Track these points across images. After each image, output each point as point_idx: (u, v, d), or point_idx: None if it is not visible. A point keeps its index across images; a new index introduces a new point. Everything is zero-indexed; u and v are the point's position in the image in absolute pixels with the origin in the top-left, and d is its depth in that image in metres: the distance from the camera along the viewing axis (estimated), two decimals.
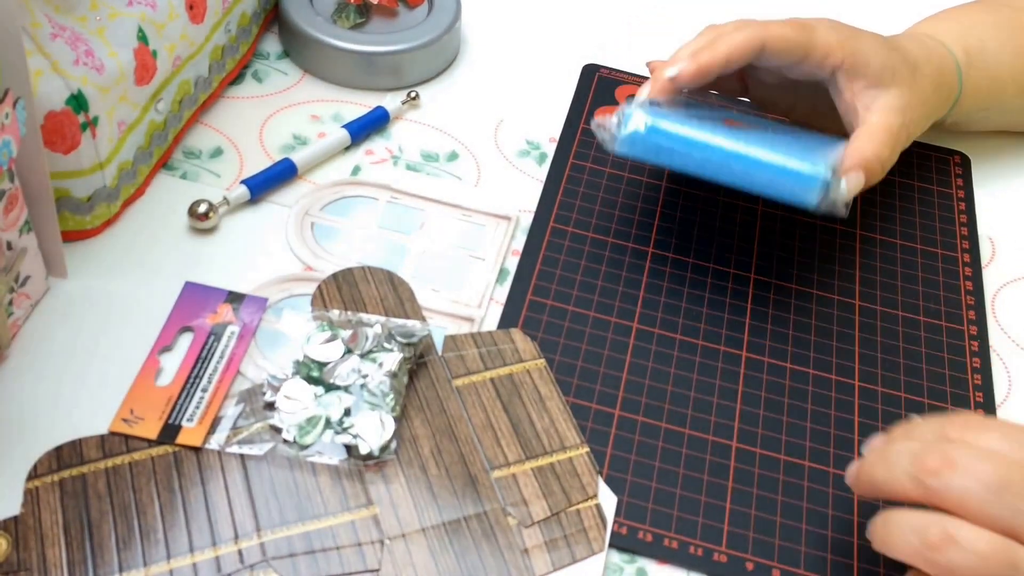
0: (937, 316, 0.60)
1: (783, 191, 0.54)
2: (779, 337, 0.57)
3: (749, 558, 0.48)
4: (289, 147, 0.63)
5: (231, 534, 0.45)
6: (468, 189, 0.63)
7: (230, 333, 0.52)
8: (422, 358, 0.52)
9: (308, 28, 0.67)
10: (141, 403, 0.49)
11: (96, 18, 0.53)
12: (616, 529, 0.48)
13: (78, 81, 0.51)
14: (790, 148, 0.55)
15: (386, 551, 0.45)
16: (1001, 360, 0.58)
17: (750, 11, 0.79)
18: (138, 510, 0.45)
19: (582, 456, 0.50)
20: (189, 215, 0.57)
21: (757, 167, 0.54)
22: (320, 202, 0.60)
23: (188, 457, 0.47)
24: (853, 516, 0.50)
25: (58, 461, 0.47)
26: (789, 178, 0.54)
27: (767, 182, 0.54)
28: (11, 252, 0.49)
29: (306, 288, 0.56)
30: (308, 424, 0.48)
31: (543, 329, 0.55)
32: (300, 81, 0.68)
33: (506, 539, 0.46)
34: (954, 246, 0.63)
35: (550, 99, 0.70)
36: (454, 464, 0.49)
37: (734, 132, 0.55)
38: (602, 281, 0.58)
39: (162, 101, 0.58)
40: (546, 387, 0.52)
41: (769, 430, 0.53)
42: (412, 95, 0.67)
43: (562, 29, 0.76)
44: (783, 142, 0.56)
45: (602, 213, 0.62)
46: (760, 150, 0.54)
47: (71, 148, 0.52)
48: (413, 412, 0.50)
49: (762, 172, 0.54)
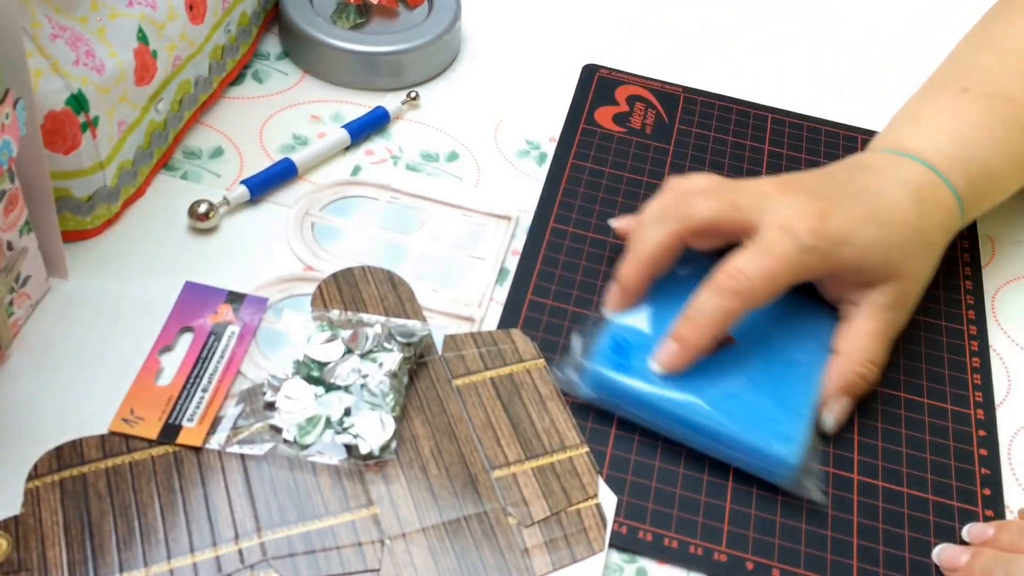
0: (937, 316, 0.59)
1: (749, 468, 0.50)
2: None
3: (749, 558, 0.48)
4: (289, 147, 0.63)
5: (231, 534, 0.45)
6: (468, 189, 0.63)
7: (230, 333, 0.52)
8: (422, 358, 0.52)
9: (308, 28, 0.67)
10: (141, 403, 0.49)
11: (96, 18, 0.53)
12: (616, 529, 0.48)
13: (78, 81, 0.51)
14: (760, 400, 0.50)
15: (386, 551, 0.45)
16: (1001, 360, 0.58)
17: (748, 10, 0.80)
18: (138, 510, 0.46)
19: (582, 456, 0.50)
20: (189, 215, 0.57)
21: (718, 442, 0.50)
22: (320, 202, 0.60)
23: (188, 457, 0.47)
24: (853, 516, 0.50)
25: (58, 461, 0.47)
26: (755, 458, 0.50)
27: (730, 458, 0.50)
28: (11, 252, 0.49)
29: (306, 288, 0.56)
30: (308, 424, 0.48)
31: (543, 329, 0.55)
32: (300, 81, 0.68)
33: (506, 539, 0.46)
34: (954, 246, 0.63)
35: (550, 99, 0.70)
36: (454, 464, 0.49)
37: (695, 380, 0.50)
38: (602, 281, 0.58)
39: (162, 101, 0.58)
40: (546, 387, 0.52)
41: None
42: (412, 95, 0.67)
43: (562, 29, 0.76)
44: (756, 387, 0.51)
45: (602, 213, 0.62)
46: (721, 418, 0.49)
47: (71, 148, 0.52)
48: (413, 412, 0.50)
49: (725, 448, 0.50)
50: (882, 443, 0.53)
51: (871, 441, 0.53)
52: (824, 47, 0.77)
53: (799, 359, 0.53)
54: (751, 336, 0.53)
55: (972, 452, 0.53)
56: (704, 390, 0.50)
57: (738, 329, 0.51)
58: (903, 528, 0.50)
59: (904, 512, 0.50)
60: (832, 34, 0.79)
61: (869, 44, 0.78)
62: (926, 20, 0.81)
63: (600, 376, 0.51)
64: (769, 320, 0.54)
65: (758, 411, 0.50)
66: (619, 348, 0.52)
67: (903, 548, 0.49)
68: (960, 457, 0.53)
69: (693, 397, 0.50)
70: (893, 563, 0.48)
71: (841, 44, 0.78)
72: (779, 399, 0.51)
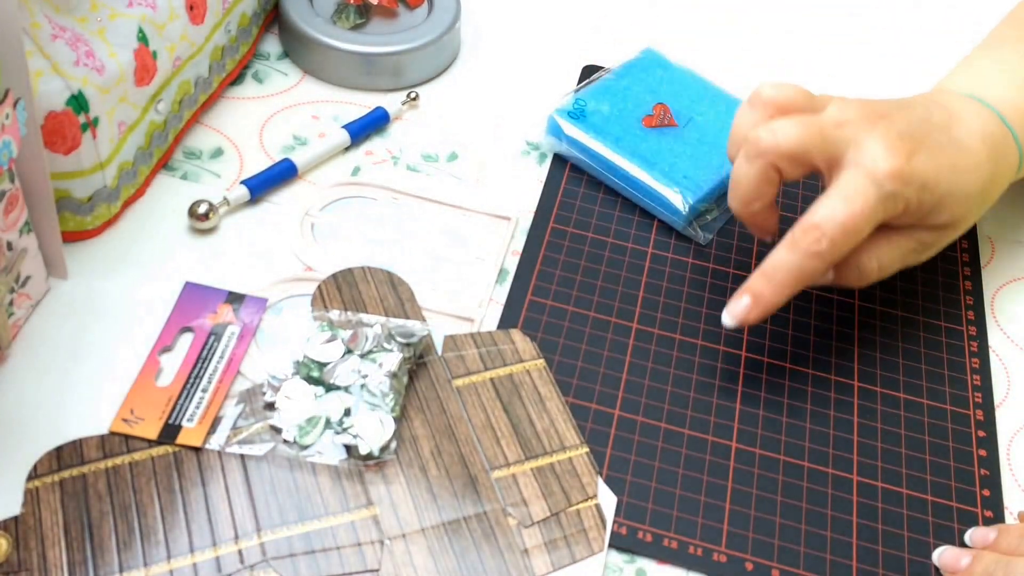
0: (936, 316, 0.60)
1: (658, 213, 0.62)
2: (778, 337, 0.57)
3: (748, 558, 0.48)
4: (289, 147, 0.63)
5: (231, 534, 0.45)
6: (468, 189, 0.63)
7: (230, 333, 0.52)
8: (422, 358, 0.52)
9: (308, 29, 0.67)
10: (141, 403, 0.49)
11: (96, 19, 0.53)
12: (616, 529, 0.48)
13: (78, 82, 0.51)
14: (679, 162, 0.62)
15: (386, 551, 0.45)
16: (1000, 360, 0.58)
17: (749, 12, 0.80)
18: (138, 510, 0.46)
19: (582, 456, 0.50)
20: (189, 215, 0.57)
21: (635, 185, 0.61)
22: (320, 202, 0.60)
23: (188, 457, 0.47)
24: (852, 517, 0.50)
25: (58, 461, 0.47)
26: (658, 203, 0.61)
27: (643, 199, 0.62)
28: (11, 253, 0.49)
29: (306, 288, 0.56)
30: (308, 424, 0.48)
31: (543, 329, 0.55)
32: (300, 82, 0.68)
33: (506, 539, 0.46)
34: (954, 246, 0.63)
35: (550, 99, 0.70)
36: (454, 464, 0.49)
37: (632, 139, 0.63)
38: (602, 281, 0.58)
39: (162, 102, 0.58)
40: (546, 387, 0.52)
41: (768, 430, 0.53)
42: (412, 95, 0.67)
43: (562, 29, 0.76)
44: (681, 154, 0.63)
45: (602, 213, 0.62)
46: (642, 165, 0.61)
47: (71, 149, 0.52)
48: (413, 412, 0.50)
49: (638, 190, 0.62)
50: (881, 444, 0.53)
51: (870, 442, 0.53)
52: (827, 47, 0.77)
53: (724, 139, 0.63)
54: (694, 122, 0.65)
55: (971, 453, 0.53)
56: (636, 148, 0.62)
57: (684, 116, 0.64)
58: (902, 529, 0.50)
59: (903, 513, 0.50)
60: (848, 37, 0.79)
61: (879, 51, 0.78)
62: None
63: (556, 124, 0.64)
64: (713, 114, 0.65)
65: (674, 168, 0.61)
66: (579, 107, 0.64)
67: (902, 549, 0.49)
68: (959, 458, 0.53)
69: (628, 151, 0.62)
70: (892, 564, 0.48)
71: (848, 46, 0.78)
72: (697, 162, 0.62)
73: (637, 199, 0.62)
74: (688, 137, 0.63)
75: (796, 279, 0.50)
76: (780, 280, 0.50)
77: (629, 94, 0.66)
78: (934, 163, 0.50)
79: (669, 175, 0.61)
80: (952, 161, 0.51)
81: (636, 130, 0.63)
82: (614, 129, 0.63)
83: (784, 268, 0.50)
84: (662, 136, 0.63)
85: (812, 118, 0.51)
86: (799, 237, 0.50)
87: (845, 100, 0.52)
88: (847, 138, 0.50)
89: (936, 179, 0.50)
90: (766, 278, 0.51)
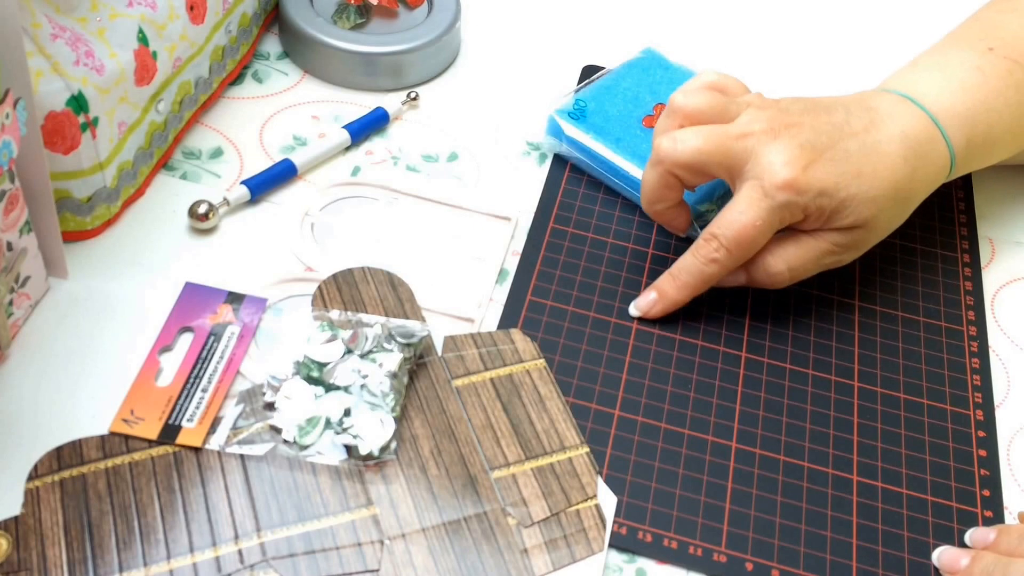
0: (936, 317, 0.60)
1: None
2: (778, 337, 0.57)
3: (748, 558, 0.48)
4: (289, 147, 0.63)
5: (231, 534, 0.45)
6: (468, 189, 0.63)
7: (230, 333, 0.52)
8: (422, 358, 0.52)
9: (308, 29, 0.67)
10: (141, 403, 0.49)
11: (96, 19, 0.53)
12: (616, 529, 0.48)
13: (78, 82, 0.51)
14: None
15: (386, 551, 0.45)
16: (1000, 361, 0.58)
17: (749, 13, 0.80)
18: (138, 510, 0.46)
19: (582, 456, 0.50)
20: (189, 215, 0.57)
21: (635, 185, 0.61)
22: (320, 202, 0.60)
23: (188, 457, 0.47)
24: (852, 517, 0.50)
25: (58, 461, 0.47)
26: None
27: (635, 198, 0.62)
28: (11, 252, 0.49)
29: (306, 288, 0.56)
30: (308, 424, 0.48)
31: (543, 329, 0.55)
32: (300, 81, 0.68)
33: (506, 539, 0.46)
34: (954, 246, 0.63)
35: (550, 99, 0.70)
36: (454, 464, 0.49)
37: (631, 139, 0.63)
38: (602, 281, 0.58)
39: (162, 102, 0.58)
40: (546, 387, 0.52)
41: (768, 431, 0.53)
42: (412, 95, 0.67)
43: (562, 29, 0.76)
44: None
45: (602, 213, 0.62)
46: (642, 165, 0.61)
47: (71, 149, 0.52)
48: (413, 412, 0.50)
49: (638, 190, 0.61)
50: (881, 444, 0.53)
51: (870, 442, 0.53)
52: (827, 47, 0.77)
53: None
54: None
55: (971, 453, 0.53)
56: (636, 148, 0.62)
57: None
58: (902, 529, 0.50)
59: (903, 513, 0.50)
60: (847, 37, 0.79)
61: (878, 50, 0.78)
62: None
63: (556, 124, 0.64)
64: None
65: None
66: (579, 107, 0.64)
67: (902, 549, 0.49)
68: (959, 458, 0.53)
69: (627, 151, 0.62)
70: (892, 564, 0.48)
71: (848, 46, 0.78)
72: None
73: (637, 199, 0.62)
74: None
75: (698, 281, 0.55)
76: (684, 281, 0.55)
77: (629, 94, 0.66)
78: (835, 170, 0.52)
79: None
80: (857, 167, 0.53)
81: (636, 130, 0.63)
82: (614, 129, 0.63)
83: (687, 271, 0.55)
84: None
85: (716, 129, 0.53)
86: (700, 245, 0.54)
87: (759, 106, 0.54)
88: (747, 150, 0.52)
89: (836, 185, 0.52)
90: (671, 278, 0.56)
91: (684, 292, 0.55)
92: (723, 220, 0.53)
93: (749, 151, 0.52)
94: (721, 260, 0.54)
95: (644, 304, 0.56)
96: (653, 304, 0.56)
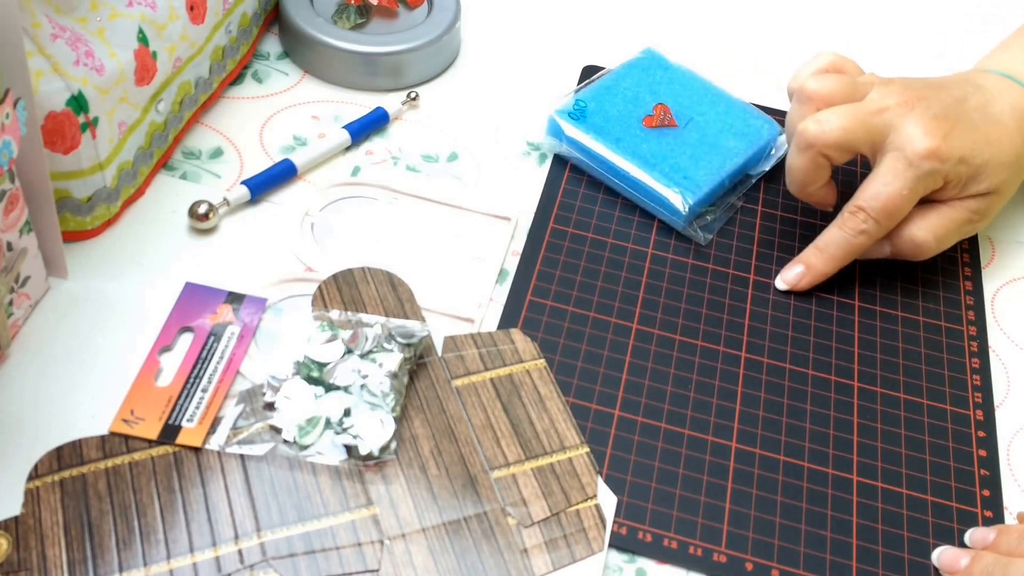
0: (936, 317, 0.60)
1: (659, 213, 0.62)
2: (778, 338, 0.57)
3: (748, 558, 0.48)
4: (289, 147, 0.63)
5: (231, 534, 0.45)
6: (468, 189, 0.63)
7: (230, 333, 0.52)
8: (422, 358, 0.52)
9: (308, 28, 0.67)
10: (141, 403, 0.49)
11: (96, 19, 0.53)
12: (616, 529, 0.48)
13: (79, 82, 0.51)
14: (681, 161, 0.62)
15: (386, 551, 0.45)
16: (1000, 361, 0.58)
17: (749, 13, 0.79)
18: (138, 510, 0.46)
19: (582, 456, 0.50)
20: (189, 215, 0.57)
21: (635, 185, 0.61)
22: (320, 202, 0.60)
23: (188, 457, 0.47)
24: (852, 517, 0.50)
25: (58, 461, 0.47)
26: (658, 203, 0.61)
27: (644, 199, 0.62)
28: (11, 252, 0.49)
29: (306, 288, 0.56)
30: (308, 424, 0.48)
31: (543, 329, 0.55)
32: (300, 81, 0.68)
33: (506, 539, 0.46)
34: (954, 247, 0.63)
35: (550, 99, 0.70)
36: (454, 464, 0.49)
37: (632, 140, 0.63)
38: (602, 281, 0.58)
39: (162, 102, 0.58)
40: (546, 387, 0.52)
41: (768, 431, 0.53)
42: (412, 95, 0.67)
43: (562, 29, 0.76)
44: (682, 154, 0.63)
45: (602, 213, 0.62)
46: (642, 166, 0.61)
47: (71, 148, 0.52)
48: (413, 412, 0.50)
49: (638, 190, 0.61)
50: (881, 444, 0.53)
51: (870, 442, 0.53)
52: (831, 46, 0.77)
53: (729, 145, 0.63)
54: (694, 122, 0.64)
55: (971, 453, 0.53)
56: (636, 148, 0.62)
57: (684, 117, 0.64)
58: (902, 529, 0.50)
59: (903, 513, 0.50)
60: (843, 31, 0.79)
61: (878, 50, 0.78)
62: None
63: (556, 124, 0.64)
64: (713, 114, 0.65)
65: (675, 169, 0.61)
66: (579, 107, 0.64)
67: (902, 549, 0.49)
68: (959, 458, 0.53)
69: (629, 152, 0.62)
70: (892, 564, 0.48)
71: (853, 45, 0.78)
72: (697, 163, 0.62)
73: (637, 199, 0.62)
74: (688, 137, 0.63)
75: (845, 253, 0.58)
76: (831, 254, 0.58)
77: (629, 94, 0.66)
78: (970, 139, 0.56)
79: (669, 176, 0.61)
80: (986, 136, 0.56)
81: (636, 130, 0.63)
82: (614, 129, 0.63)
83: (834, 244, 0.58)
84: (662, 136, 0.63)
85: (855, 108, 0.56)
86: (847, 218, 0.57)
87: (886, 84, 0.58)
88: (887, 123, 0.56)
89: (972, 152, 0.56)
90: (818, 251, 0.59)
91: (831, 264, 0.58)
92: (869, 192, 0.56)
93: (889, 124, 0.55)
94: (869, 231, 0.56)
95: (792, 277, 0.59)
96: (801, 277, 0.59)
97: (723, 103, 0.66)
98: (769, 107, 0.71)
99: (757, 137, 0.65)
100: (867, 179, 0.57)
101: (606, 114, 0.64)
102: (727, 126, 0.65)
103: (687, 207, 0.60)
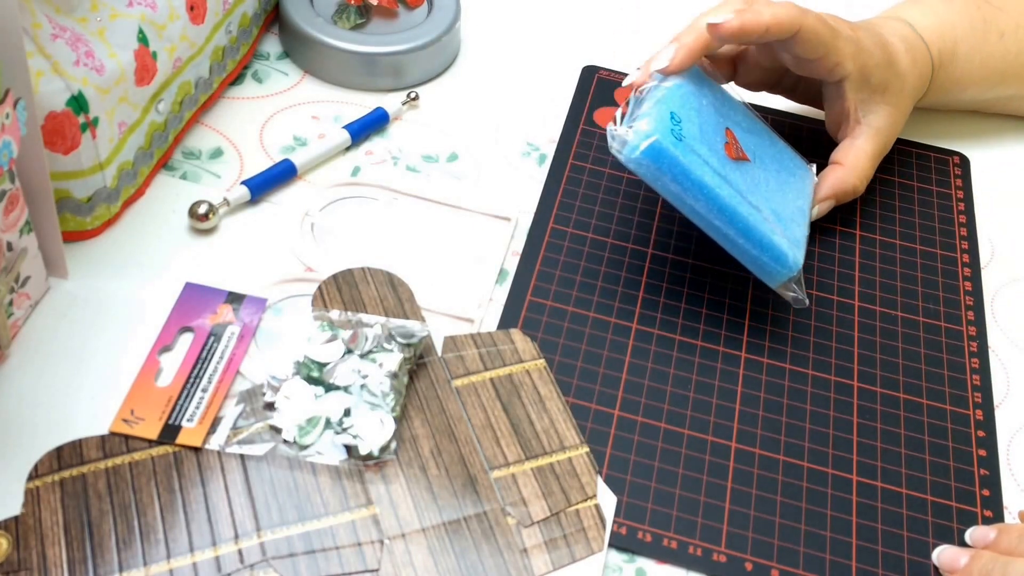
0: (936, 316, 0.60)
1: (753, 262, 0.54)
2: (778, 338, 0.57)
3: (748, 558, 0.48)
4: (289, 148, 0.63)
5: (231, 534, 0.45)
6: (468, 190, 0.63)
7: (230, 333, 0.52)
8: (422, 359, 0.52)
9: (308, 29, 0.67)
10: (141, 403, 0.49)
11: (96, 19, 0.53)
12: (615, 529, 0.48)
13: (79, 82, 0.51)
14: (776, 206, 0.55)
15: (386, 551, 0.45)
16: (1000, 361, 0.58)
17: None
18: (138, 510, 0.46)
19: (582, 456, 0.50)
20: (189, 215, 0.57)
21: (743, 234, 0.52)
22: (320, 202, 0.60)
23: (188, 457, 0.47)
24: (852, 517, 0.50)
25: (59, 461, 0.47)
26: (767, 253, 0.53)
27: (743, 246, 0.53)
28: (11, 253, 0.49)
29: (306, 288, 0.56)
30: (308, 424, 0.48)
31: (543, 329, 0.55)
32: (300, 82, 0.68)
33: (505, 539, 0.46)
34: (953, 247, 0.63)
35: (550, 100, 0.70)
36: (454, 464, 0.49)
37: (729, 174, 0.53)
38: (602, 281, 0.58)
39: (163, 102, 0.58)
40: (546, 387, 0.52)
41: (768, 431, 0.53)
42: (412, 96, 0.67)
43: (562, 30, 0.76)
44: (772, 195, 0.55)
45: (602, 213, 0.62)
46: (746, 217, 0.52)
47: (71, 149, 0.52)
48: (413, 412, 0.50)
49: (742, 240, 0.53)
50: (881, 444, 0.53)
51: (870, 442, 0.53)
52: None
53: (797, 188, 0.59)
54: (758, 157, 0.57)
55: (971, 453, 0.53)
56: (736, 185, 0.53)
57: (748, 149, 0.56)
58: (902, 529, 0.50)
59: (903, 513, 0.50)
60: None
61: None
62: None
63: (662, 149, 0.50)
64: (761, 146, 0.58)
65: (777, 216, 0.54)
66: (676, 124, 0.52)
67: (902, 549, 0.49)
68: (959, 458, 0.53)
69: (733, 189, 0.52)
70: (892, 564, 0.49)
71: None
72: (787, 207, 0.56)
73: (730, 244, 0.53)
74: (764, 176, 0.55)
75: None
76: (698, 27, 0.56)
77: (704, 111, 0.54)
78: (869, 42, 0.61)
79: (775, 223, 0.52)
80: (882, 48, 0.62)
81: (724, 160, 0.53)
82: (711, 158, 0.52)
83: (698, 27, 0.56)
84: (744, 172, 0.54)
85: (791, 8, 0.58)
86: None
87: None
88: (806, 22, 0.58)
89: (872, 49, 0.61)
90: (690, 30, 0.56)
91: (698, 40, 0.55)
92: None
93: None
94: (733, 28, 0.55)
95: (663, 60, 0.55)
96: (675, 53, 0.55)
97: (759, 132, 0.59)
98: (763, 106, 0.71)
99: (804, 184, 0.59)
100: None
101: (693, 135, 0.52)
102: (782, 166, 0.58)
103: (798, 263, 0.53)
